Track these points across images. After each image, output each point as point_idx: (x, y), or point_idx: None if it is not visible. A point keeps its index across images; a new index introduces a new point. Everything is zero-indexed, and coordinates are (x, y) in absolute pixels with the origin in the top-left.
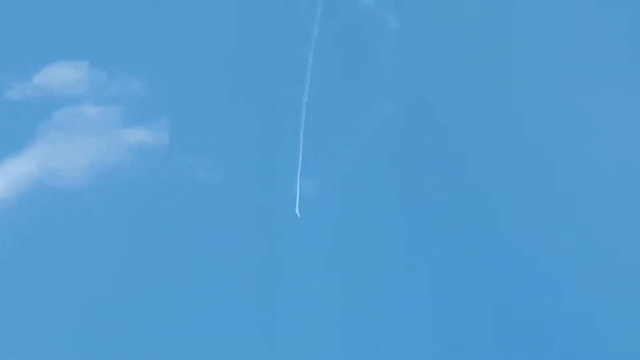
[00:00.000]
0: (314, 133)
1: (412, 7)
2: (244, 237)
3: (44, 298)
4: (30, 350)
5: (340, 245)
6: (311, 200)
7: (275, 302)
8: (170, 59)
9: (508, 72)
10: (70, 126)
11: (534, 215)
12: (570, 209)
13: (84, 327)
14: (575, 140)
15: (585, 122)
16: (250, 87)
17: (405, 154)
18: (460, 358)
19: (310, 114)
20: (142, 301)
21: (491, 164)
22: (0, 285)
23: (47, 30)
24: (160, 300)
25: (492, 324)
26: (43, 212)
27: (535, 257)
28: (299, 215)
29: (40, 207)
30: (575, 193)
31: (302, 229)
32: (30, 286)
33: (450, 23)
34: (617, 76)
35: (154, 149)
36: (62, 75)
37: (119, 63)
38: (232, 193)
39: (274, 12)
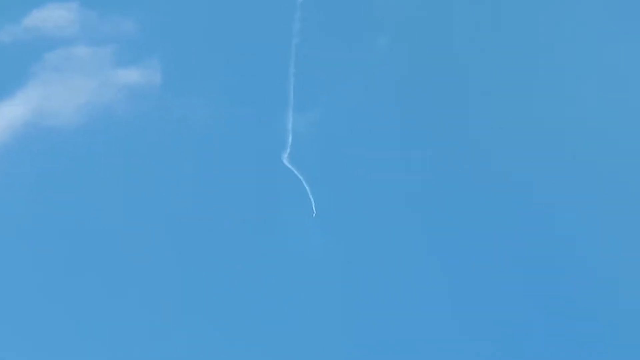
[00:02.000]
0: (307, 69)
1: None
2: (236, 176)
3: (40, 238)
4: (29, 290)
5: (334, 183)
6: (305, 137)
7: (267, 243)
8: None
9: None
10: (63, 68)
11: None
12: None
13: (79, 266)
14: None
15: None
16: (241, 25)
17: (403, 87)
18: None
19: (303, 50)
20: (135, 240)
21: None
22: None
23: None
24: (152, 240)
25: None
26: (37, 153)
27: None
28: (315, 213)
29: (34, 148)
30: None
31: (295, 166)
32: (26, 226)
33: None
34: None
35: (146, 89)
36: (53, 16)
37: (109, 4)
38: (224, 132)
39: None
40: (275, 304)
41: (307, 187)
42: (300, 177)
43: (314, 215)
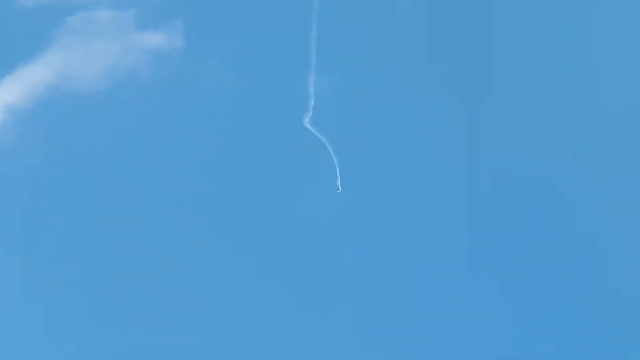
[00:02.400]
0: (328, 31)
1: None
2: (258, 137)
3: (61, 201)
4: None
5: (356, 147)
6: (326, 99)
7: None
8: None
9: None
10: (85, 31)
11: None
12: None
13: (97, 224)
14: None
15: None
16: None
17: (425, 50)
18: None
19: (325, 11)
20: (154, 199)
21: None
22: (19, 189)
23: None
24: (171, 199)
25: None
26: (60, 117)
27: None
28: (340, 189)
29: (57, 112)
30: None
31: (317, 128)
32: (48, 190)
33: None
34: None
35: (168, 52)
36: None
37: None
38: (247, 95)
39: None
40: (292, 270)
41: (333, 157)
42: (326, 143)
43: (339, 191)
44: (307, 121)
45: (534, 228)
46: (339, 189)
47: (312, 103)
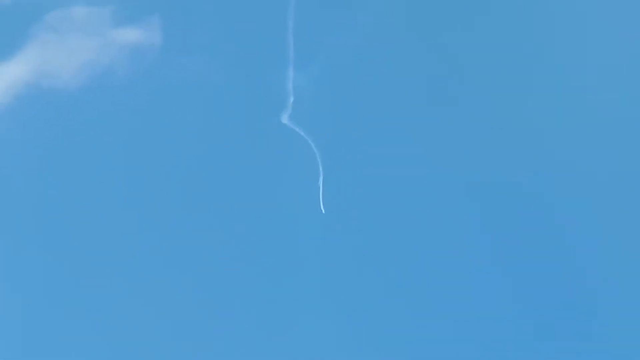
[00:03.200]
0: (306, 26)
1: None
2: (237, 134)
3: (40, 197)
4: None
5: (336, 142)
6: (305, 94)
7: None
8: None
9: None
10: (62, 28)
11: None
12: None
13: (76, 220)
14: None
15: None
16: None
17: (404, 43)
18: None
19: (302, 6)
20: (131, 195)
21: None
22: None
23: None
24: (150, 194)
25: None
26: (38, 114)
27: None
28: (323, 211)
29: (35, 109)
30: None
31: (295, 123)
32: (27, 186)
33: None
34: None
35: (146, 48)
36: None
37: None
38: (225, 91)
39: None
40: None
41: (316, 154)
42: (307, 139)
43: (322, 211)
44: (285, 117)
45: (524, 230)
46: (322, 211)
47: (291, 99)
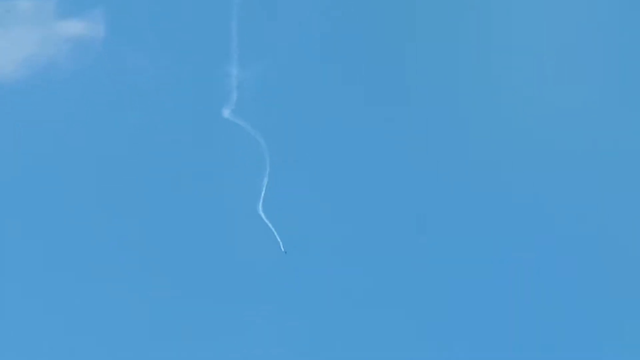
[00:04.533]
0: (251, 22)
1: None
2: (179, 128)
3: None
4: None
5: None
6: (250, 90)
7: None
8: None
9: None
10: (4, 21)
11: None
12: None
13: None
14: None
15: None
16: None
17: (345, 36)
18: None
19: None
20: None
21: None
22: None
23: None
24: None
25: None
26: None
27: None
28: (285, 252)
29: None
30: None
31: (241, 118)
32: None
33: None
34: None
35: (88, 41)
36: None
37: None
38: (167, 84)
39: None
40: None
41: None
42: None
43: (284, 252)
44: (228, 112)
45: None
46: (285, 252)
47: (234, 94)
